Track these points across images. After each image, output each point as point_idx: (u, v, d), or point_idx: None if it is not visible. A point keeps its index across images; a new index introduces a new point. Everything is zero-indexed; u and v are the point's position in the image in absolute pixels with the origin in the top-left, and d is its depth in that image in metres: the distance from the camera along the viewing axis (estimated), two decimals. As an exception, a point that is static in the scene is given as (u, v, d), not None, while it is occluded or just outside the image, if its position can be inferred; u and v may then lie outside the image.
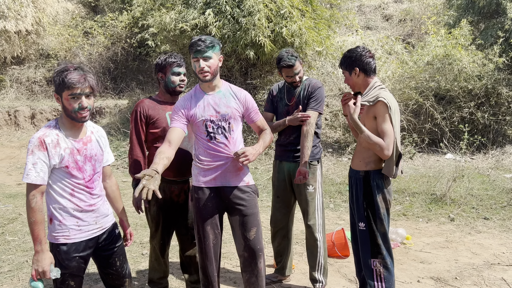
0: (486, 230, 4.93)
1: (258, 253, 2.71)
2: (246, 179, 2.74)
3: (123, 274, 2.53)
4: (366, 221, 2.76)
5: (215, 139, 2.65)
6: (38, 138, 2.16)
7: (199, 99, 2.68)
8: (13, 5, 12.38)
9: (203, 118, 2.64)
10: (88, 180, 2.32)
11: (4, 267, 3.97)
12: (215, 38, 2.74)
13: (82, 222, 2.31)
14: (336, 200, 6.20)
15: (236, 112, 2.69)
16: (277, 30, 8.11)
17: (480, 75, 8.55)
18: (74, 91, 2.17)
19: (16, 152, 10.04)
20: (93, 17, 14.12)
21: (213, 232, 2.72)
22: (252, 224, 2.70)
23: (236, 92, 2.75)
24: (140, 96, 11.66)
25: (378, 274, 2.76)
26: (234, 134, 2.69)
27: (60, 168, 2.22)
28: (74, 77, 2.16)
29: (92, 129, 2.43)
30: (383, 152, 2.63)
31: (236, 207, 2.70)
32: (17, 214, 5.60)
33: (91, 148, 2.34)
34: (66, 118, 2.26)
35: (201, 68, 2.56)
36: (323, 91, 3.35)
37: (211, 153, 2.66)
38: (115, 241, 2.49)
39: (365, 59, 2.74)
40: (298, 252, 4.29)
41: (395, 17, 14.54)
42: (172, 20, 8.48)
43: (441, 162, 7.86)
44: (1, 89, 13.06)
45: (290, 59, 3.24)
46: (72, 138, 2.27)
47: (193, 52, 2.57)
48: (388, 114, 2.64)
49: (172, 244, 3.77)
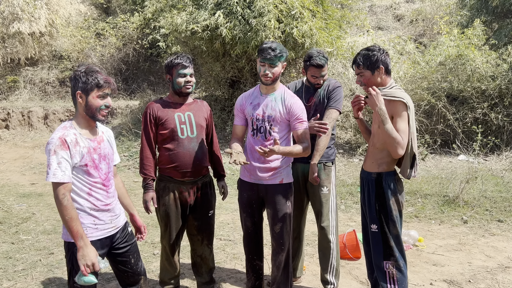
0: (500, 232, 4.86)
1: (280, 247, 2.99)
2: (279, 178, 2.97)
3: (138, 272, 2.60)
4: (378, 223, 2.74)
5: (256, 136, 2.95)
6: (59, 138, 2.21)
7: (254, 98, 2.99)
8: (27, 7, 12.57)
9: (251, 115, 2.95)
10: (105, 178, 2.40)
11: (18, 265, 4.03)
12: (284, 47, 2.86)
13: (99, 221, 2.37)
14: (347, 202, 6.17)
15: (279, 116, 2.89)
16: (287, 31, 8.09)
17: (494, 75, 8.44)
18: (104, 90, 2.32)
19: (30, 152, 10.17)
20: (105, 19, 14.25)
21: (250, 220, 3.09)
22: (279, 219, 2.96)
23: (286, 98, 2.92)
24: (151, 97, 11.73)
25: (391, 276, 2.74)
26: (274, 135, 2.88)
27: (79, 167, 2.28)
28: (105, 78, 2.32)
29: (102, 129, 2.53)
30: (398, 149, 2.59)
31: (267, 202, 3.01)
32: (30, 214, 5.67)
33: (104, 147, 2.43)
34: (85, 117, 2.35)
35: (265, 74, 2.81)
36: (342, 91, 3.30)
37: (251, 147, 2.98)
38: (128, 239, 2.56)
39: (387, 58, 2.71)
40: (309, 253, 4.28)
41: (406, 17, 14.43)
42: (183, 21, 8.51)
43: (453, 164, 7.77)
44: (15, 90, 13.25)
45: (321, 59, 3.17)
46: (87, 137, 2.35)
47: (261, 57, 2.80)
48: (406, 113, 2.63)
49: (183, 245, 3.79)
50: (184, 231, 3.22)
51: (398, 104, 2.64)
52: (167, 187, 3.06)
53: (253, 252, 3.15)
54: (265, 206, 3.08)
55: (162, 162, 3.05)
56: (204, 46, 8.58)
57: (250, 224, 3.10)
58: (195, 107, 3.14)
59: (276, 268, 3.04)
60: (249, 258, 3.18)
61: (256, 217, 3.09)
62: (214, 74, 9.69)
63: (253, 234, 3.12)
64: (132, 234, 2.63)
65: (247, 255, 3.19)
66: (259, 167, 2.95)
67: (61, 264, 4.06)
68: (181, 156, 3.00)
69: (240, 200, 3.13)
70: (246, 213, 3.10)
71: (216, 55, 9.14)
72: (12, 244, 4.60)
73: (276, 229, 2.98)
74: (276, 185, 2.97)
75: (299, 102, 2.94)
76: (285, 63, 2.91)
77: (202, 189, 3.14)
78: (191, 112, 3.09)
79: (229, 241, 4.62)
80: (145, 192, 3.03)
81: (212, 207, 3.24)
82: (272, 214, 2.99)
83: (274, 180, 2.97)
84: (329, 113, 3.22)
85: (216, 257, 4.00)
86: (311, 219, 4.99)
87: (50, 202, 6.20)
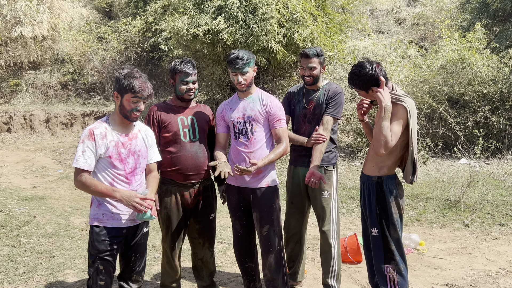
0: (502, 236, 4.85)
1: (269, 249, 3.02)
2: (266, 181, 3.03)
3: (134, 269, 2.74)
4: (379, 227, 2.74)
5: (238, 138, 3.01)
6: (89, 129, 2.48)
7: (233, 104, 3.09)
8: (29, 11, 12.60)
9: (232, 119, 3.02)
10: (129, 172, 2.57)
11: (19, 269, 4.03)
12: (250, 53, 3.01)
13: (116, 210, 2.54)
14: (348, 205, 6.16)
15: (259, 116, 2.98)
16: (289, 35, 8.11)
17: (495, 79, 8.44)
18: (138, 95, 2.50)
19: (31, 156, 10.19)
20: (107, 23, 14.30)
21: (239, 223, 3.14)
22: (266, 221, 3.01)
23: (264, 98, 3.04)
24: (153, 100, 11.75)
25: (392, 280, 2.74)
26: (256, 135, 2.98)
27: (105, 158, 2.48)
28: (141, 84, 2.50)
29: (140, 128, 2.72)
30: (381, 148, 2.59)
31: (253, 205, 3.04)
32: (32, 217, 5.68)
33: (135, 144, 2.62)
34: (119, 115, 2.56)
35: (239, 82, 2.93)
36: (343, 97, 3.30)
37: (235, 152, 3.03)
38: (140, 238, 2.71)
39: (377, 73, 2.65)
40: (310, 257, 4.27)
41: (407, 21, 14.44)
42: (185, 25, 8.54)
43: (455, 167, 7.76)
44: (17, 93, 13.28)
45: (310, 50, 3.23)
46: (119, 132, 2.55)
47: (232, 68, 2.92)
48: (406, 118, 2.63)
49: (184, 248, 3.78)
50: (185, 234, 3.22)
51: (399, 107, 2.65)
52: (168, 190, 3.07)
53: (244, 254, 3.18)
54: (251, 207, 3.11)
55: (164, 165, 3.06)
56: (205, 49, 8.60)
57: (239, 227, 3.15)
58: (198, 111, 3.16)
59: (268, 271, 3.07)
60: (241, 261, 3.21)
61: (245, 220, 3.13)
62: (215, 77, 9.71)
63: (243, 237, 3.16)
64: (147, 234, 2.78)
65: (238, 258, 3.23)
66: None
67: (62, 267, 4.07)
68: (183, 159, 3.01)
69: (228, 204, 3.19)
70: (235, 216, 3.16)
71: (217, 59, 9.17)
72: (13, 247, 4.60)
73: (263, 232, 3.02)
74: (262, 188, 3.02)
75: (276, 101, 3.05)
76: (256, 66, 3.04)
77: (204, 193, 3.15)
78: (194, 116, 3.11)
79: (230, 244, 4.62)
80: None
81: (213, 210, 3.25)
82: (258, 217, 3.03)
83: (260, 183, 3.02)
84: (325, 121, 3.24)
85: (217, 260, 4.01)
86: (312, 223, 4.99)
87: (52, 206, 6.22)
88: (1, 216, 5.72)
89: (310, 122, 3.33)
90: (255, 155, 2.96)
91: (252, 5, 8.09)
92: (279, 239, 3.07)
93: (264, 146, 3.00)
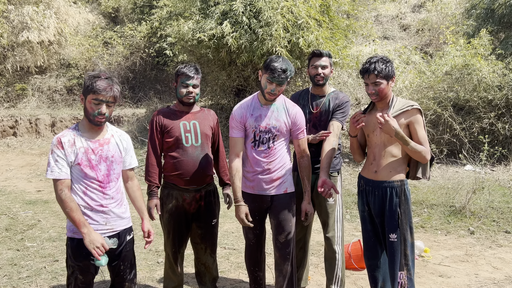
0: (508, 243, 4.80)
1: (286, 256, 2.97)
2: (284, 187, 2.98)
3: (124, 278, 2.65)
4: (399, 232, 2.72)
5: (258, 147, 2.92)
6: (57, 138, 2.39)
7: (254, 109, 2.93)
8: (36, 17, 12.73)
9: (254, 127, 2.90)
10: (102, 179, 2.45)
11: (23, 272, 4.04)
12: (292, 65, 2.85)
13: (91, 221, 2.43)
14: (352, 211, 6.14)
15: (283, 126, 2.91)
16: (293, 40, 8.12)
17: (501, 85, 8.40)
18: (98, 97, 2.36)
19: (37, 160, 10.24)
20: (113, 28, 14.40)
21: (252, 233, 3.04)
22: (284, 229, 2.95)
23: (289, 108, 2.95)
24: (158, 105, 11.80)
25: (403, 286, 2.72)
26: (277, 145, 2.92)
27: (75, 165, 2.39)
28: (102, 84, 2.36)
29: (114, 132, 2.58)
30: (425, 157, 2.68)
31: (272, 212, 2.99)
32: (36, 221, 5.69)
33: (107, 150, 2.49)
34: (85, 120, 2.45)
35: (273, 92, 2.81)
36: (350, 106, 3.30)
37: (252, 160, 2.93)
38: (125, 246, 2.60)
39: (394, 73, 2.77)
40: (314, 263, 4.25)
41: (412, 27, 14.43)
42: (190, 30, 8.58)
43: (460, 174, 7.71)
44: (23, 97, 13.38)
45: (323, 50, 3.24)
46: (88, 138, 2.44)
47: (271, 77, 2.75)
48: (422, 118, 2.72)
49: (187, 253, 3.78)
50: (187, 239, 3.22)
51: (414, 112, 2.71)
52: (171, 194, 3.07)
53: (255, 264, 3.13)
54: (268, 217, 3.07)
55: (167, 169, 3.07)
56: (210, 54, 8.63)
57: (252, 236, 3.07)
58: (201, 115, 3.15)
59: (282, 278, 3.01)
60: (251, 270, 3.15)
61: (259, 229, 3.06)
62: (220, 82, 9.74)
63: (255, 247, 3.09)
64: (132, 241, 2.66)
65: (248, 267, 3.17)
66: (263, 178, 2.94)
67: (65, 271, 4.06)
68: (185, 164, 3.01)
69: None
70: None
71: (222, 64, 9.20)
72: (17, 251, 4.61)
73: (281, 239, 2.97)
74: (281, 195, 2.98)
75: (300, 111, 3.00)
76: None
77: (206, 198, 3.15)
78: (197, 120, 3.10)
79: (234, 250, 4.60)
80: (149, 199, 3.05)
81: (215, 215, 3.24)
82: (276, 224, 2.98)
83: (279, 190, 2.97)
84: (335, 126, 3.19)
85: (220, 266, 3.99)
86: (316, 229, 4.96)
87: (56, 210, 6.23)
88: (6, 220, 5.74)
89: (316, 128, 3.31)
90: (275, 164, 2.93)
91: (257, 9, 8.12)
92: (294, 246, 3.05)
93: (283, 155, 2.97)
